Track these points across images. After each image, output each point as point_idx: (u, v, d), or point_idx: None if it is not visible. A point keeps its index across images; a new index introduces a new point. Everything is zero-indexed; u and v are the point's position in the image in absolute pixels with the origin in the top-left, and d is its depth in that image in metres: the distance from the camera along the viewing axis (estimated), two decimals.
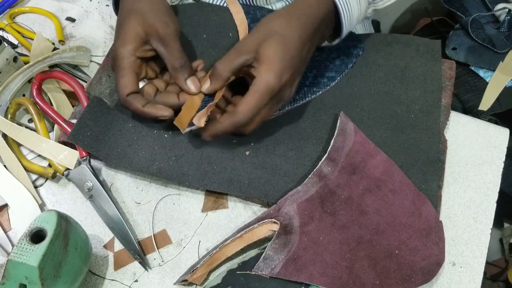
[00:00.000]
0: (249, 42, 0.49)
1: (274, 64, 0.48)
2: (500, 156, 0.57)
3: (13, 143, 0.57)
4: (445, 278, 0.50)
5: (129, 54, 0.51)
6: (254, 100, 0.48)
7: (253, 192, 0.52)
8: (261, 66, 0.48)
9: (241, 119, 0.48)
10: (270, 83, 0.48)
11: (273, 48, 0.48)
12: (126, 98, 0.51)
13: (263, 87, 0.48)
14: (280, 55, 0.48)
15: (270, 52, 0.48)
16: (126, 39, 0.51)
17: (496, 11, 0.95)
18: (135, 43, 0.51)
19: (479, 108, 0.86)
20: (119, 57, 0.51)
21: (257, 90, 0.48)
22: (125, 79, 0.51)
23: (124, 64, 0.51)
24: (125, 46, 0.51)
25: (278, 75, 0.48)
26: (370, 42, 0.63)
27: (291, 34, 0.49)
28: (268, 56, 0.48)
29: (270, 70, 0.48)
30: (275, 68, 0.48)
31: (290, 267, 0.47)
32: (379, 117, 0.57)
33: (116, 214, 0.52)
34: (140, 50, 0.52)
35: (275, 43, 0.48)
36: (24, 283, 0.42)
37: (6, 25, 0.70)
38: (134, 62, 0.51)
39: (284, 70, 0.48)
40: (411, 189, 0.51)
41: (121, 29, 0.52)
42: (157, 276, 0.50)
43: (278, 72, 0.48)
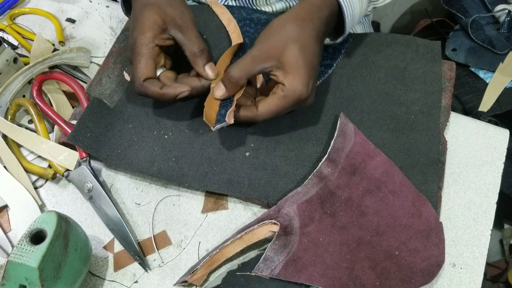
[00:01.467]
0: (266, 49, 0.50)
1: (301, 73, 0.49)
2: (500, 157, 0.57)
3: (13, 144, 0.57)
4: (445, 279, 0.50)
5: (148, 41, 0.51)
6: (278, 105, 0.50)
7: (253, 193, 0.52)
8: (287, 75, 0.49)
9: (259, 117, 0.50)
10: (298, 92, 0.49)
11: (296, 56, 0.49)
12: (142, 83, 0.51)
13: (292, 94, 0.49)
14: (304, 63, 0.49)
15: (293, 60, 0.49)
16: (145, 28, 0.51)
17: (496, 12, 0.95)
18: (154, 31, 0.52)
19: (479, 109, 0.86)
20: (138, 44, 0.51)
21: (284, 96, 0.49)
22: (142, 64, 0.51)
23: (143, 50, 0.51)
24: (144, 34, 0.51)
25: (305, 84, 0.49)
26: (370, 43, 0.63)
27: (308, 40, 0.50)
28: (293, 65, 0.49)
29: (298, 79, 0.49)
30: (302, 77, 0.49)
31: (290, 268, 0.47)
32: (379, 118, 0.57)
33: (116, 215, 0.52)
34: (159, 38, 0.52)
35: (297, 50, 0.49)
36: (24, 284, 0.42)
37: (6, 26, 0.70)
38: (153, 49, 0.52)
39: (310, 78, 0.50)
40: (411, 190, 0.51)
41: (138, 21, 0.53)
42: (157, 277, 0.50)
43: (306, 80, 0.49)
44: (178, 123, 0.57)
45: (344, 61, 0.62)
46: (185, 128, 0.56)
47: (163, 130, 0.56)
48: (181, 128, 0.56)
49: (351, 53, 0.62)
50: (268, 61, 0.49)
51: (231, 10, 0.65)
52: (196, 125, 0.56)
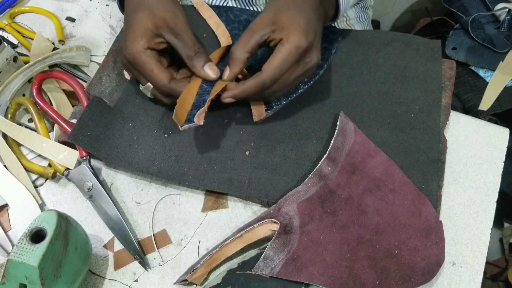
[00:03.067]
0: (261, 19, 0.50)
1: (297, 25, 0.48)
2: (500, 156, 0.57)
3: (13, 143, 0.57)
4: (445, 278, 0.50)
5: (143, 48, 0.50)
6: (281, 57, 0.48)
7: (253, 192, 0.52)
8: (284, 31, 0.48)
9: (266, 78, 0.48)
10: (297, 41, 0.48)
11: (291, 14, 0.48)
12: (170, 86, 0.50)
13: (291, 45, 0.48)
14: (300, 18, 0.49)
15: (289, 18, 0.48)
16: (137, 35, 0.51)
17: (496, 11, 0.95)
18: (146, 37, 0.51)
19: (479, 108, 0.86)
20: (135, 53, 0.50)
21: (283, 49, 0.48)
22: (155, 70, 0.50)
23: (145, 58, 0.50)
24: (137, 42, 0.50)
25: (304, 33, 0.48)
26: (370, 41, 0.63)
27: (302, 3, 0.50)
28: (289, 22, 0.48)
29: (295, 30, 0.48)
30: (299, 28, 0.48)
31: (290, 267, 0.47)
32: (379, 117, 0.57)
33: (116, 214, 0.52)
34: (153, 43, 0.51)
35: (291, 10, 0.49)
36: (24, 283, 0.42)
37: (6, 25, 0.70)
38: (152, 53, 0.51)
39: (308, 29, 0.48)
40: (411, 189, 0.51)
41: (130, 26, 0.52)
42: (157, 276, 0.50)
43: (303, 30, 0.48)
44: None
45: (344, 60, 0.62)
46: None
47: (163, 129, 0.56)
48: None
49: (351, 51, 0.62)
50: (265, 28, 0.49)
51: (219, 13, 0.64)
52: None
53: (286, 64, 0.48)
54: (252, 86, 0.49)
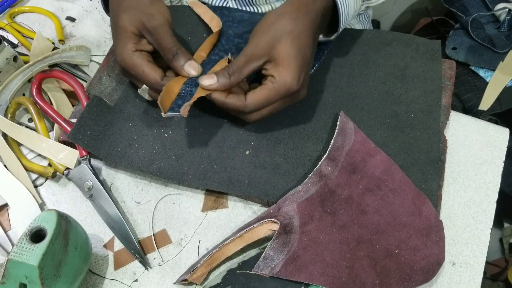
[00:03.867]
0: (259, 46, 0.49)
1: (292, 65, 0.48)
2: (500, 156, 0.57)
3: (13, 142, 0.57)
4: (445, 278, 0.50)
5: (131, 51, 0.51)
6: (267, 95, 0.48)
7: (253, 191, 0.52)
8: (277, 68, 0.48)
9: (247, 107, 0.49)
10: (288, 84, 0.48)
11: (288, 48, 0.48)
12: (162, 83, 0.50)
13: (280, 86, 0.48)
14: (295, 55, 0.48)
15: (285, 52, 0.48)
16: (124, 40, 0.51)
17: (496, 11, 0.95)
18: (132, 41, 0.51)
19: (479, 107, 0.86)
20: (126, 59, 0.51)
21: (273, 88, 0.48)
22: (146, 70, 0.51)
23: (134, 60, 0.51)
24: (125, 47, 0.51)
25: (296, 76, 0.48)
26: (370, 41, 0.63)
27: (302, 32, 0.49)
28: (284, 57, 0.48)
29: (287, 71, 0.48)
30: (293, 69, 0.48)
31: (290, 266, 0.47)
32: (379, 117, 0.57)
33: (116, 213, 0.52)
34: (139, 45, 0.52)
35: (289, 43, 0.48)
36: (24, 282, 0.42)
37: (6, 24, 0.70)
38: (141, 54, 0.51)
39: (301, 70, 0.49)
40: (411, 188, 0.51)
41: (115, 32, 0.52)
42: (157, 276, 0.50)
43: (296, 73, 0.48)
44: (178, 121, 0.57)
45: (344, 60, 0.62)
46: (185, 126, 0.56)
47: (163, 128, 0.56)
48: (181, 127, 0.56)
49: (351, 51, 0.62)
50: (262, 58, 0.49)
51: (213, 11, 0.65)
52: (196, 123, 0.56)
53: (270, 101, 0.49)
54: (232, 105, 0.49)
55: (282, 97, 0.49)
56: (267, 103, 0.49)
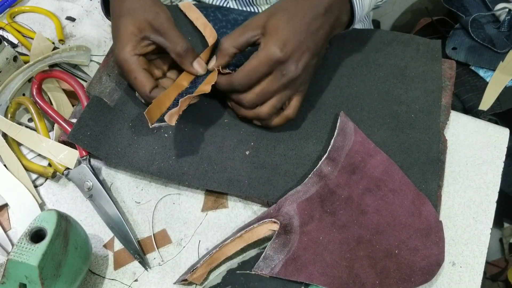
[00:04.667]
0: (256, 18, 0.50)
1: (278, 34, 0.48)
2: (500, 156, 0.57)
3: (13, 142, 0.57)
4: (445, 278, 0.50)
5: (130, 55, 0.51)
6: (251, 65, 0.48)
7: (253, 191, 0.52)
8: (265, 37, 0.48)
9: (235, 80, 0.49)
10: (271, 51, 0.47)
11: (279, 21, 0.48)
12: (150, 94, 0.51)
13: (263, 54, 0.48)
14: (285, 26, 0.48)
15: (275, 24, 0.48)
16: (123, 42, 0.51)
17: (496, 11, 0.95)
18: (133, 42, 0.51)
19: (479, 108, 0.86)
20: (123, 61, 0.51)
21: (256, 57, 0.48)
22: (139, 78, 0.51)
23: (130, 66, 0.51)
24: (124, 49, 0.51)
25: (279, 44, 0.47)
26: (370, 41, 0.63)
27: (299, 9, 0.49)
28: (273, 28, 0.48)
29: (272, 39, 0.48)
30: (277, 38, 0.47)
31: (290, 266, 0.47)
32: (379, 117, 0.57)
33: (116, 213, 0.52)
34: (139, 48, 0.52)
35: (281, 16, 0.48)
36: (24, 282, 0.42)
37: (6, 24, 0.70)
38: (139, 60, 0.52)
39: (287, 40, 0.48)
40: (411, 189, 0.51)
41: (116, 34, 0.52)
42: (157, 276, 0.50)
43: (280, 41, 0.47)
44: (178, 122, 0.56)
45: (344, 60, 0.62)
46: (185, 126, 0.56)
47: (163, 128, 0.56)
48: (181, 127, 0.56)
49: (351, 51, 0.62)
50: (256, 29, 0.49)
51: (206, 14, 0.64)
52: (196, 123, 0.56)
53: (255, 72, 0.48)
54: (223, 82, 0.50)
55: (267, 65, 0.48)
56: (252, 76, 0.48)
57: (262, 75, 0.49)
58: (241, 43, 0.50)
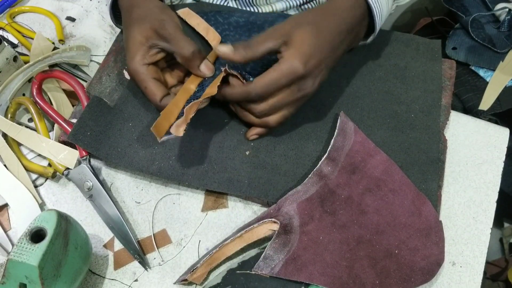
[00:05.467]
0: (280, 27, 0.49)
1: (302, 49, 0.47)
2: (500, 155, 0.57)
3: (13, 142, 0.57)
4: (445, 278, 0.50)
5: (139, 65, 0.51)
6: (272, 76, 0.47)
7: (253, 191, 0.52)
8: (289, 49, 0.47)
9: (252, 90, 0.48)
10: (294, 65, 0.47)
11: (304, 34, 0.48)
12: (160, 103, 0.51)
13: (285, 67, 0.47)
14: (310, 41, 0.47)
15: (300, 37, 0.47)
16: (132, 52, 0.52)
17: (496, 11, 0.95)
18: (141, 52, 0.51)
19: (479, 107, 0.86)
20: (133, 72, 0.52)
21: (278, 69, 0.47)
22: (149, 88, 0.51)
23: (140, 76, 0.52)
24: (133, 59, 0.52)
25: (303, 60, 0.47)
26: (370, 41, 0.63)
27: (325, 25, 0.49)
28: (298, 41, 0.47)
29: (296, 53, 0.47)
30: (302, 52, 0.47)
31: (290, 266, 0.47)
32: (379, 117, 0.57)
33: (116, 213, 0.52)
34: (148, 57, 0.52)
35: (307, 30, 0.48)
36: (24, 282, 0.42)
37: (6, 24, 0.70)
38: (148, 69, 0.52)
39: (311, 57, 0.47)
40: (411, 188, 0.51)
41: (126, 45, 0.53)
42: (157, 276, 0.50)
43: (305, 56, 0.47)
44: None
45: (344, 60, 0.62)
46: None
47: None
48: None
49: (351, 51, 0.62)
50: (279, 39, 0.48)
51: (207, 18, 0.63)
52: (196, 123, 0.56)
53: (275, 84, 0.47)
54: (238, 92, 0.49)
55: (287, 79, 0.47)
56: (271, 87, 0.48)
57: (281, 88, 0.48)
58: (262, 51, 0.48)
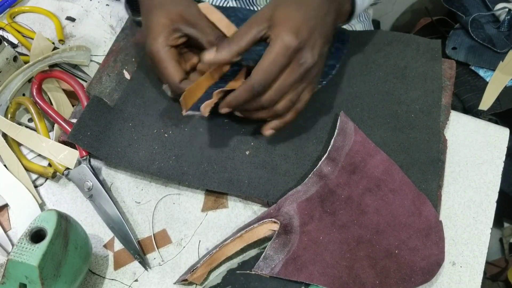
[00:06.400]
0: (260, 12, 0.48)
1: (289, 23, 0.45)
2: (500, 155, 0.57)
3: (13, 142, 0.57)
4: (445, 278, 0.50)
5: (162, 46, 0.51)
6: (268, 59, 0.45)
7: (253, 191, 0.52)
8: (275, 28, 0.46)
9: (254, 82, 0.46)
10: (285, 40, 0.45)
11: (287, 11, 0.46)
12: (180, 85, 0.51)
13: (278, 45, 0.45)
14: (295, 16, 0.46)
15: (283, 15, 0.46)
16: (155, 33, 0.51)
17: (496, 11, 0.95)
18: (165, 34, 0.51)
19: (479, 107, 0.86)
20: (154, 52, 0.51)
21: (272, 50, 0.45)
22: (169, 68, 0.51)
23: (161, 56, 0.51)
24: (156, 40, 0.51)
25: (293, 32, 0.45)
26: (370, 41, 0.63)
27: None
28: (282, 18, 0.46)
29: (284, 29, 0.45)
30: (289, 26, 0.45)
31: (290, 266, 0.47)
32: (379, 117, 0.57)
33: (116, 213, 0.52)
34: (171, 39, 0.52)
35: (289, 6, 0.47)
36: (24, 282, 0.42)
37: (6, 24, 0.70)
38: (170, 51, 0.52)
39: (300, 27, 0.46)
40: (411, 188, 0.51)
41: (148, 27, 0.53)
42: (157, 276, 0.50)
43: (293, 28, 0.45)
44: (178, 122, 0.57)
45: (344, 60, 0.62)
46: (185, 126, 0.56)
47: (163, 128, 0.56)
48: (181, 127, 0.56)
49: (351, 51, 0.62)
50: (262, 23, 0.47)
51: (227, 15, 0.64)
52: (196, 123, 0.56)
53: (275, 66, 0.45)
54: (243, 92, 0.47)
55: (285, 56, 0.45)
56: (273, 70, 0.45)
57: (281, 68, 0.46)
58: (246, 41, 0.47)
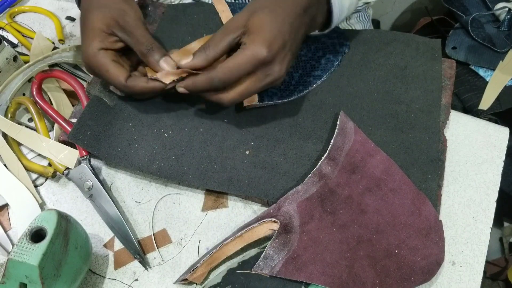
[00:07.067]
0: (236, 19, 0.48)
1: (263, 34, 0.46)
2: (500, 155, 0.57)
3: (13, 142, 0.58)
4: (445, 277, 0.50)
5: (97, 49, 0.50)
6: (235, 61, 0.46)
7: (253, 191, 0.52)
8: (249, 37, 0.46)
9: (216, 76, 0.47)
10: (257, 51, 0.45)
11: (262, 20, 0.47)
12: (126, 84, 0.50)
13: (249, 52, 0.46)
14: (270, 26, 0.46)
15: (259, 22, 0.46)
16: (90, 37, 0.50)
17: (496, 10, 0.95)
18: (99, 38, 0.50)
19: (479, 107, 0.86)
20: (91, 56, 0.50)
21: (241, 54, 0.46)
22: (111, 71, 0.50)
23: (100, 60, 0.50)
24: (91, 44, 0.50)
25: (266, 44, 0.46)
26: (370, 41, 0.63)
27: (279, 7, 0.48)
28: (257, 26, 0.46)
29: (258, 39, 0.46)
30: (263, 37, 0.46)
31: (290, 266, 0.47)
32: (379, 117, 0.57)
33: (116, 213, 0.52)
34: (106, 42, 0.51)
35: (264, 14, 0.47)
36: (24, 282, 0.42)
37: (6, 24, 0.70)
38: (107, 53, 0.51)
39: (274, 40, 0.46)
40: (411, 188, 0.51)
41: (83, 30, 0.52)
42: (157, 275, 0.50)
43: (267, 41, 0.46)
44: (178, 121, 0.57)
45: (344, 60, 0.62)
46: (185, 126, 0.56)
47: (163, 128, 0.56)
48: (181, 126, 0.56)
49: (351, 51, 0.62)
50: (238, 30, 0.47)
51: (233, 9, 0.64)
52: (196, 123, 0.56)
53: (238, 71, 0.46)
54: (202, 81, 0.48)
55: (251, 65, 0.46)
56: (235, 73, 0.46)
57: (245, 74, 0.47)
58: (221, 48, 0.48)
